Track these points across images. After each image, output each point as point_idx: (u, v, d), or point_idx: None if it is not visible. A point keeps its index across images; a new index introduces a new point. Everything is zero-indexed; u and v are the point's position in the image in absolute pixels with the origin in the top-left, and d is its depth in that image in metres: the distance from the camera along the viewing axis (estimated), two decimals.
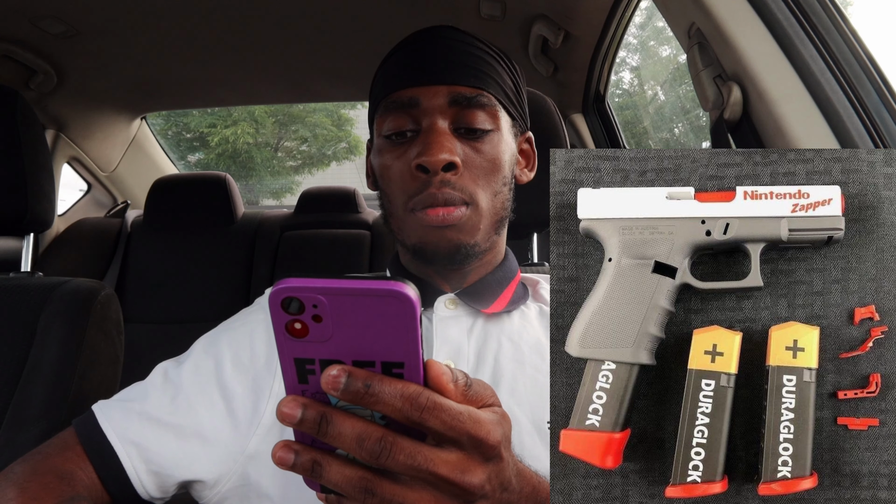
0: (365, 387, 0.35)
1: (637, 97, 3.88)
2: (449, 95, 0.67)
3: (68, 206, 2.31)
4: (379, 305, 0.34)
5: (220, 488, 0.63)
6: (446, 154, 0.64)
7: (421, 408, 0.36)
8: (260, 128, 10.31)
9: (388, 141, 0.69)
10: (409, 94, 0.67)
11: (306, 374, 0.36)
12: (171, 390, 0.65)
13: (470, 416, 0.37)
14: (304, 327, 0.35)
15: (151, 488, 0.62)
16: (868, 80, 0.70)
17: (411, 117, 0.68)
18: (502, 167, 0.69)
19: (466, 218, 0.66)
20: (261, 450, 0.63)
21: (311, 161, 10.91)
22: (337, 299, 0.34)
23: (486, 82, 0.69)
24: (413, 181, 0.66)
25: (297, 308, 0.34)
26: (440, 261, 0.68)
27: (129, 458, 0.61)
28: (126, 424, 0.63)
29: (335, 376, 0.35)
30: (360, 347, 0.35)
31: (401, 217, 0.69)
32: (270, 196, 10.56)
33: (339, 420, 0.36)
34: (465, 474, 0.38)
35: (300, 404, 0.36)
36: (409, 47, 0.71)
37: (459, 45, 0.70)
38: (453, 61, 0.68)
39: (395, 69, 0.70)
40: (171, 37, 1.63)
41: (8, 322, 0.87)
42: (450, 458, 0.37)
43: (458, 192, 0.65)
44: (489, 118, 0.68)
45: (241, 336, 0.68)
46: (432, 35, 0.71)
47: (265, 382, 0.65)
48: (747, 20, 0.72)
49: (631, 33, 2.55)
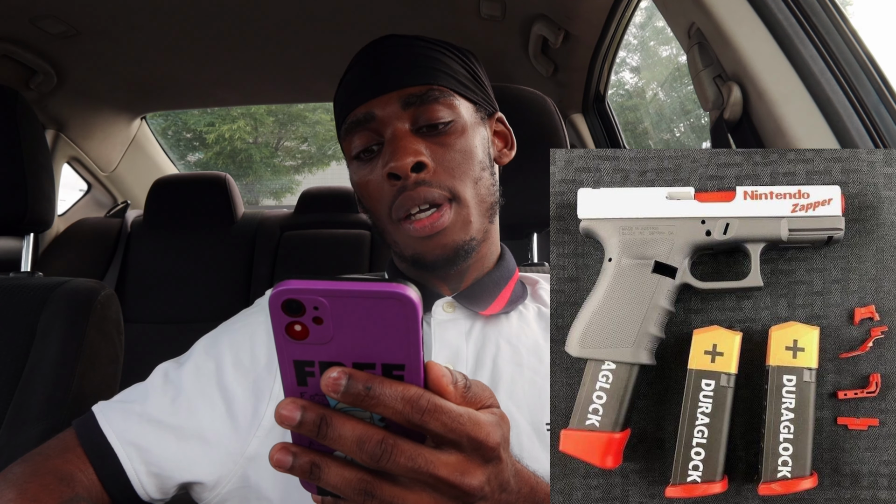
0: (365, 389, 0.35)
1: (637, 97, 3.88)
2: (400, 99, 0.67)
3: (68, 206, 2.31)
4: (380, 307, 0.34)
5: (220, 490, 0.63)
6: (411, 157, 0.64)
7: (422, 410, 0.36)
8: (259, 125, 10.31)
9: (359, 161, 0.70)
10: (364, 111, 0.68)
11: (305, 376, 0.36)
12: (171, 391, 0.65)
13: (470, 419, 0.37)
14: (304, 329, 0.35)
15: (151, 490, 0.62)
16: (868, 80, 0.70)
17: (372, 131, 0.68)
18: (474, 153, 0.69)
19: (454, 217, 0.66)
20: (261, 452, 0.63)
21: (311, 160, 10.91)
22: (338, 301, 0.34)
23: (435, 76, 0.69)
24: (389, 191, 0.66)
25: (298, 310, 0.34)
26: (440, 267, 0.68)
27: (130, 459, 0.61)
28: (126, 426, 0.62)
29: (335, 378, 0.34)
30: (360, 349, 0.35)
31: (390, 230, 0.69)
32: (270, 196, 10.56)
33: (339, 422, 0.35)
34: (465, 476, 0.38)
35: (299, 406, 0.35)
36: (354, 67, 0.72)
37: (401, 49, 0.71)
38: (397, 66, 0.69)
39: (346, 90, 0.72)
40: (171, 37, 1.63)
41: (8, 322, 0.87)
42: (450, 459, 0.37)
43: (436, 188, 0.65)
44: (446, 109, 0.68)
45: (242, 338, 0.68)
46: (373, 48, 0.72)
47: (265, 384, 0.65)
48: (747, 20, 0.72)
49: (631, 33, 2.55)
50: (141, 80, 1.95)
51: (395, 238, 0.69)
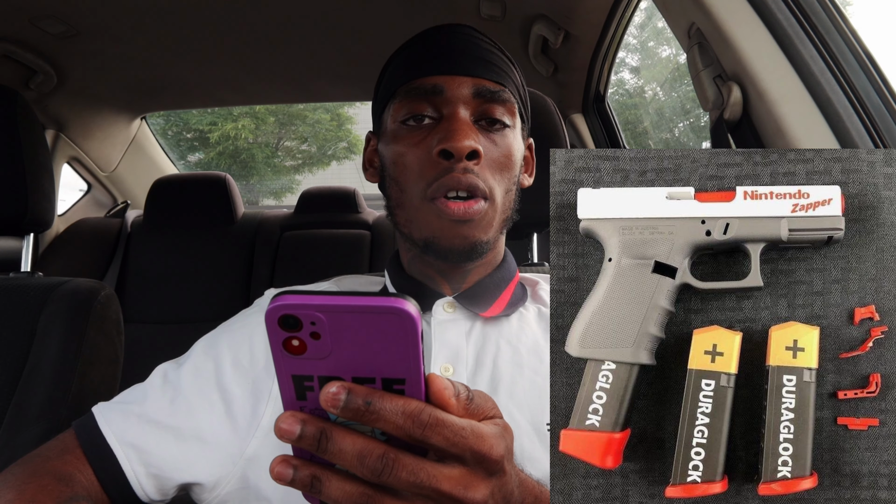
0: (365, 404, 0.34)
1: (637, 97, 3.88)
2: (473, 87, 0.67)
3: (68, 206, 2.31)
4: (379, 322, 0.33)
5: (219, 491, 0.63)
6: (471, 141, 0.64)
7: (423, 424, 0.35)
8: (261, 124, 10.31)
9: (405, 127, 0.68)
10: (433, 82, 0.67)
11: (304, 390, 0.35)
12: (170, 392, 0.65)
13: (473, 431, 0.37)
14: (301, 344, 0.34)
15: (151, 491, 0.62)
16: (868, 80, 0.70)
17: (432, 104, 0.67)
18: (515, 163, 0.70)
19: (484, 213, 0.66)
20: (260, 452, 0.63)
21: (312, 160, 10.90)
22: (335, 317, 0.33)
23: (506, 80, 0.70)
24: (434, 168, 0.65)
25: (295, 325, 0.33)
26: (453, 257, 0.66)
27: (129, 460, 0.61)
28: (125, 427, 0.62)
29: (334, 394, 0.34)
30: (359, 364, 0.34)
31: (416, 206, 0.67)
32: (270, 196, 10.55)
33: (340, 436, 0.35)
34: (469, 490, 0.37)
35: (299, 420, 0.35)
36: (430, 39, 0.71)
37: (480, 41, 0.71)
38: (477, 56, 0.69)
39: (418, 57, 0.70)
40: (172, 37, 1.63)
41: (8, 322, 0.87)
42: (452, 473, 0.37)
43: (480, 180, 0.65)
44: (508, 114, 0.69)
45: (241, 338, 0.68)
46: (453, 30, 0.72)
47: (264, 385, 0.65)
48: (747, 20, 0.71)
49: (631, 33, 2.55)
50: (141, 80, 1.95)
51: (415, 216, 0.67)
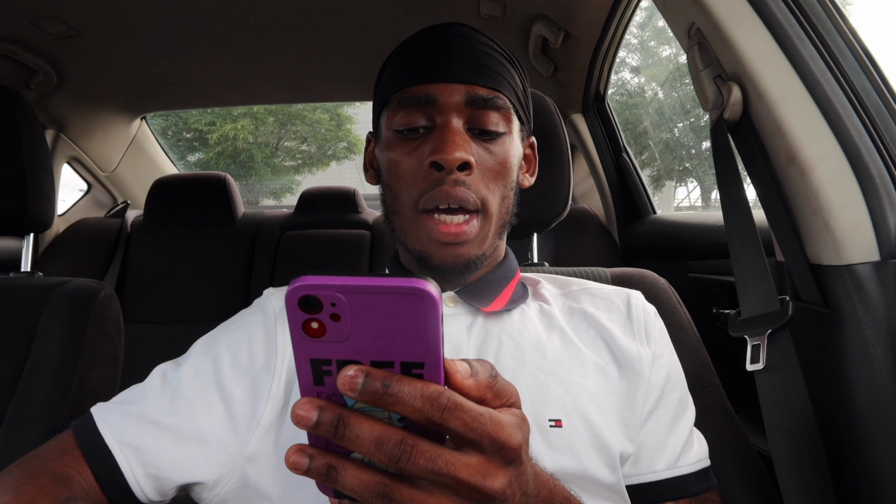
0: (384, 387, 0.34)
1: (637, 97, 3.88)
2: (466, 95, 0.66)
3: (68, 206, 2.31)
4: (400, 303, 0.33)
5: (219, 490, 0.63)
6: (462, 152, 0.63)
7: (442, 408, 0.34)
8: (260, 125, 10.31)
9: (399, 136, 0.68)
10: (426, 91, 0.66)
11: (322, 375, 0.35)
12: (169, 392, 0.64)
13: (491, 418, 0.36)
14: (321, 326, 0.33)
15: (150, 492, 0.61)
16: (868, 80, 0.70)
17: (425, 114, 0.67)
18: (511, 171, 0.68)
19: (477, 230, 0.65)
20: (259, 451, 0.62)
21: (311, 160, 10.91)
22: (356, 297, 0.32)
23: (502, 84, 0.68)
24: (425, 179, 0.65)
25: (315, 307, 0.33)
26: (447, 273, 0.67)
27: (127, 461, 0.61)
28: (124, 428, 0.62)
29: (352, 377, 0.33)
30: (378, 347, 0.34)
31: (408, 217, 0.67)
32: (270, 196, 10.56)
33: (357, 423, 0.34)
34: (487, 478, 0.36)
35: (316, 406, 0.34)
36: (425, 42, 0.70)
37: (476, 44, 0.69)
38: (471, 61, 0.67)
39: (411, 64, 0.69)
40: (171, 37, 1.63)
41: (8, 322, 0.87)
42: (471, 461, 0.36)
43: (472, 193, 0.64)
44: (503, 120, 0.68)
45: (240, 337, 0.68)
46: (448, 32, 0.70)
47: (263, 384, 0.64)
48: (747, 20, 0.71)
49: (631, 33, 2.55)
50: (141, 80, 1.95)
51: (408, 227, 0.67)
